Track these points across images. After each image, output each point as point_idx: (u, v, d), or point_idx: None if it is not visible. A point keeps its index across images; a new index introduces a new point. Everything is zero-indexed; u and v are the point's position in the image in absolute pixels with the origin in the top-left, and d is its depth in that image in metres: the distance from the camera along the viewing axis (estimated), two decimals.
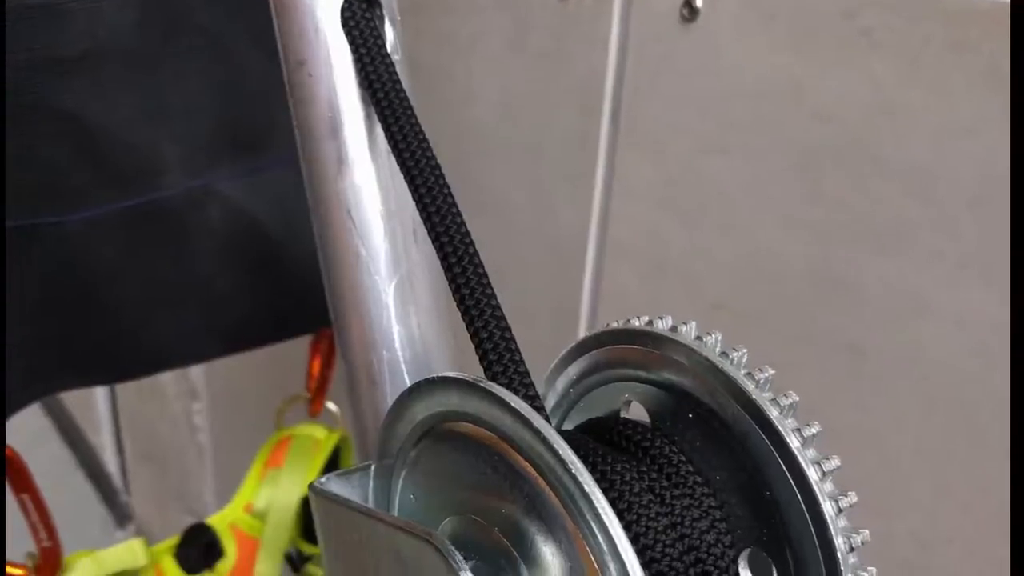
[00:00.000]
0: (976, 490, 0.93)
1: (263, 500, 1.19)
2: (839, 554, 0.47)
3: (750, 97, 1.01)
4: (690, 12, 1.05)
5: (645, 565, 0.46)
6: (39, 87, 0.92)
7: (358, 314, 0.64)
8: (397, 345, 0.63)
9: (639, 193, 1.13)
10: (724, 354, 0.50)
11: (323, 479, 0.56)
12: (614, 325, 0.56)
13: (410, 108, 0.61)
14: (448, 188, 0.58)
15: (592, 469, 0.48)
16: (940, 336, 0.93)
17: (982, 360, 0.91)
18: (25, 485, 1.01)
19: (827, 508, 0.47)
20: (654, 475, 0.52)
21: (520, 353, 0.53)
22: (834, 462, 0.48)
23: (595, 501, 0.42)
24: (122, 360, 1.07)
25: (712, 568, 0.50)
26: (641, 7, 1.09)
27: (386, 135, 0.61)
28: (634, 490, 0.50)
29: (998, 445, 0.90)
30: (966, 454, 0.94)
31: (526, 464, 0.45)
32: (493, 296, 0.55)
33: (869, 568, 0.48)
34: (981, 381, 0.91)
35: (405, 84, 0.62)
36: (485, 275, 0.55)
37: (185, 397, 2.03)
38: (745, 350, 0.50)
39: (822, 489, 0.47)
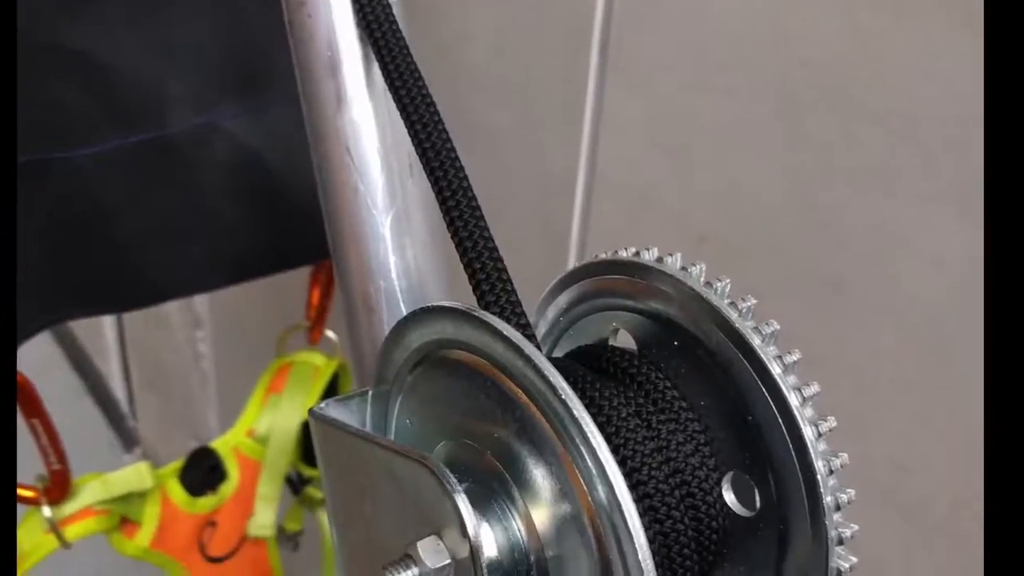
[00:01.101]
0: (951, 418, 0.94)
1: (264, 425, 1.20)
2: (819, 476, 0.47)
3: (736, 39, 1.00)
4: None
5: (632, 487, 0.47)
6: (50, 27, 0.92)
7: (356, 246, 0.64)
8: (394, 275, 0.64)
9: (627, 130, 1.13)
10: (708, 284, 0.50)
11: (322, 405, 0.56)
12: (602, 256, 0.56)
13: (406, 48, 0.61)
14: (443, 124, 0.58)
15: (581, 395, 0.48)
16: (917, 271, 0.93)
17: (957, 294, 0.91)
18: (36, 410, 1.01)
19: (807, 432, 0.47)
20: (641, 400, 0.52)
21: (512, 283, 0.53)
22: (814, 388, 0.48)
23: (584, 425, 0.42)
24: (129, 290, 1.08)
25: (697, 490, 0.50)
26: None
27: (383, 74, 0.61)
28: (621, 415, 0.50)
29: (972, 375, 0.91)
30: (941, 384, 0.94)
31: (518, 390, 0.45)
32: (486, 228, 0.55)
33: (848, 490, 0.48)
34: (956, 314, 0.91)
35: (401, 24, 0.62)
36: (479, 208, 0.55)
37: (189, 326, 2.04)
38: (728, 281, 0.50)
39: (802, 414, 0.47)
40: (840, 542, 0.48)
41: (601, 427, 0.44)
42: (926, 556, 0.98)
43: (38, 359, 1.14)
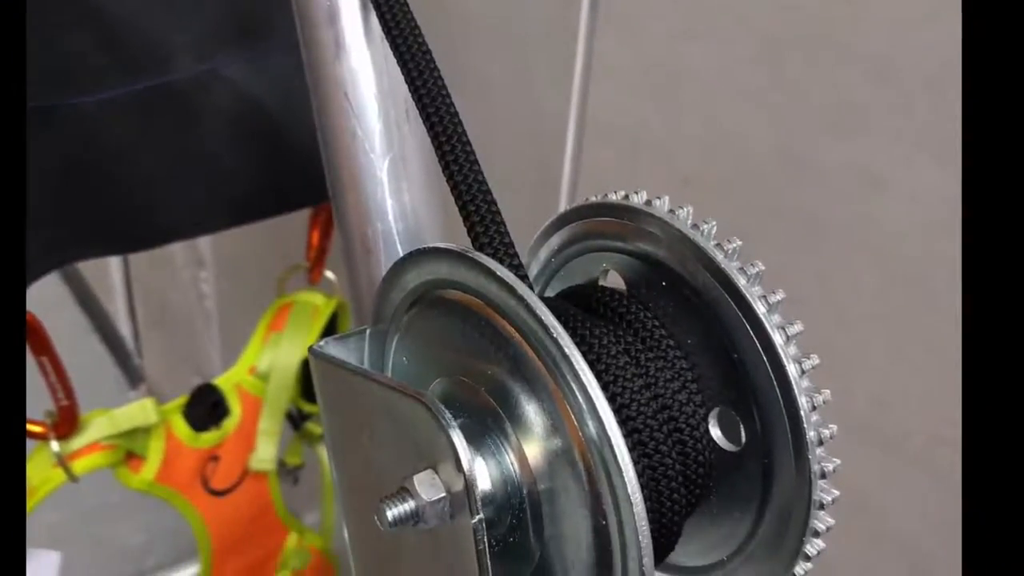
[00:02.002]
0: (929, 353, 0.94)
1: (266, 362, 1.20)
2: (802, 412, 0.47)
3: None
4: None
5: (621, 423, 0.47)
6: None
7: (354, 189, 0.64)
8: (391, 217, 0.63)
9: (616, 75, 1.13)
10: (695, 226, 0.50)
11: (322, 343, 0.56)
12: (593, 199, 0.56)
13: None
14: (438, 71, 0.58)
15: (572, 333, 0.48)
16: (896, 210, 0.93)
17: (934, 232, 0.91)
18: (44, 348, 1.01)
19: (791, 370, 0.47)
20: (630, 339, 0.52)
21: (505, 225, 0.53)
22: (797, 327, 0.48)
23: (575, 362, 0.42)
24: (134, 232, 1.08)
25: (684, 426, 0.51)
26: None
27: (380, 21, 0.61)
28: (611, 353, 0.50)
29: (949, 311, 0.91)
30: (919, 320, 0.94)
31: (511, 328, 0.45)
32: (480, 172, 0.54)
33: (830, 425, 0.48)
34: (933, 252, 0.91)
35: None
36: (473, 152, 0.55)
37: (193, 266, 2.04)
38: (714, 222, 0.50)
39: (786, 352, 0.47)
40: (823, 476, 0.48)
41: (591, 364, 0.44)
42: (906, 488, 0.98)
43: (47, 298, 1.14)
